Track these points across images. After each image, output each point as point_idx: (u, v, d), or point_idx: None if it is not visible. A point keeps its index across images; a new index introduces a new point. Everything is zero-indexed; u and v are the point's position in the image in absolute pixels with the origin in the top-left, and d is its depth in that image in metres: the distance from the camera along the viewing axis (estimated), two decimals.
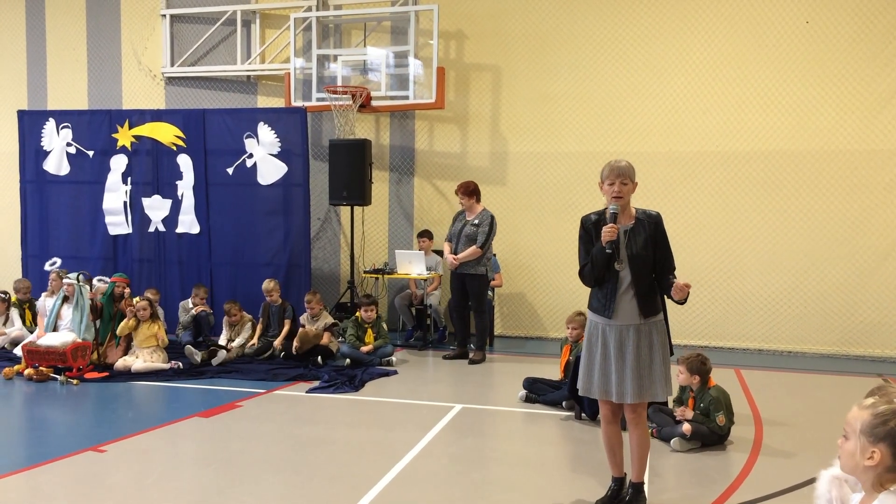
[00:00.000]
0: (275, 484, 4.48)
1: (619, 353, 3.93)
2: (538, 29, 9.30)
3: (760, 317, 8.77)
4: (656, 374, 3.92)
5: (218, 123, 9.15)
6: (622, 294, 3.93)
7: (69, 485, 4.45)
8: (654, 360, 3.92)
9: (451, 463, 4.92)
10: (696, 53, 8.83)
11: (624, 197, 3.95)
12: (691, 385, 5.39)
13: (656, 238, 3.99)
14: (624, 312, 3.92)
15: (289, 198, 9.03)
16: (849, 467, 2.19)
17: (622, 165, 4.00)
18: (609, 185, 3.99)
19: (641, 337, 3.91)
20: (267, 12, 10.27)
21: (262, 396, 6.54)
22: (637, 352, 3.90)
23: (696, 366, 5.35)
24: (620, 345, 3.93)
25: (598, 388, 4.01)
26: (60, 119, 9.60)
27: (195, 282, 9.04)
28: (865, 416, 2.12)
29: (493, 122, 9.53)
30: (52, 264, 9.30)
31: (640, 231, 3.98)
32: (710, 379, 5.41)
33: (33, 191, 9.70)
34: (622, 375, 3.92)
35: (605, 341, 3.97)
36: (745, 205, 8.77)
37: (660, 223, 4.05)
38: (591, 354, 4.04)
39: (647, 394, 3.93)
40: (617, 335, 3.93)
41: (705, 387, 5.35)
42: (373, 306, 7.91)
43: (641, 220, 4.03)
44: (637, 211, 4.07)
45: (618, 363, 3.93)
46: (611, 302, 3.93)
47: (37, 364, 7.15)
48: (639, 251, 3.93)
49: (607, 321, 3.96)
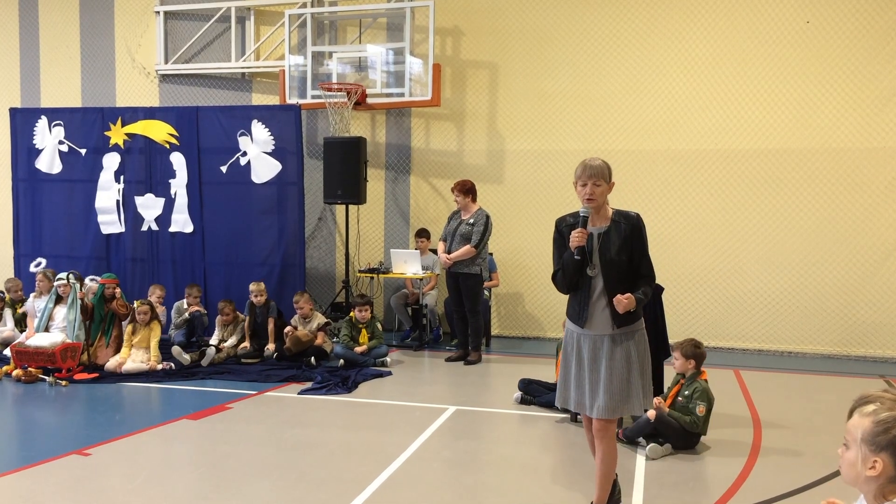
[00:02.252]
0: (261, 489, 4.37)
1: (594, 364, 3.71)
2: (535, 25, 9.20)
3: (760, 317, 8.66)
4: (633, 389, 3.66)
5: (211, 121, 9.04)
6: (595, 302, 3.69)
7: (50, 490, 4.34)
8: (632, 373, 3.66)
9: (442, 466, 4.81)
10: (696, 50, 8.72)
11: (597, 199, 3.69)
12: (686, 371, 5.26)
13: (633, 242, 3.71)
14: (598, 321, 3.69)
15: (283, 196, 8.92)
16: (850, 478, 2.09)
17: (595, 165, 3.70)
18: (581, 187, 3.71)
19: (616, 348, 3.66)
20: (261, 9, 10.16)
21: (253, 398, 6.44)
22: (610, 364, 3.66)
23: (690, 350, 5.24)
24: (594, 356, 3.71)
25: (574, 400, 3.80)
26: (52, 117, 9.49)
27: (188, 281, 8.95)
28: (867, 424, 2.01)
29: (490, 120, 9.42)
30: (38, 265, 9.21)
31: (615, 234, 3.70)
32: (703, 371, 5.30)
33: (25, 189, 9.59)
34: (595, 388, 3.70)
35: (579, 351, 3.76)
36: (744, 203, 8.66)
37: (638, 226, 3.75)
38: (566, 364, 3.84)
39: (619, 409, 3.67)
40: (591, 345, 3.72)
41: (697, 375, 5.23)
42: (367, 306, 7.82)
43: (617, 223, 3.73)
44: (614, 212, 3.78)
45: (592, 375, 3.71)
46: (584, 310, 3.70)
47: (26, 365, 7.06)
48: (613, 256, 3.66)
49: (581, 330, 3.74)
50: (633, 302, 3.58)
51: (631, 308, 3.59)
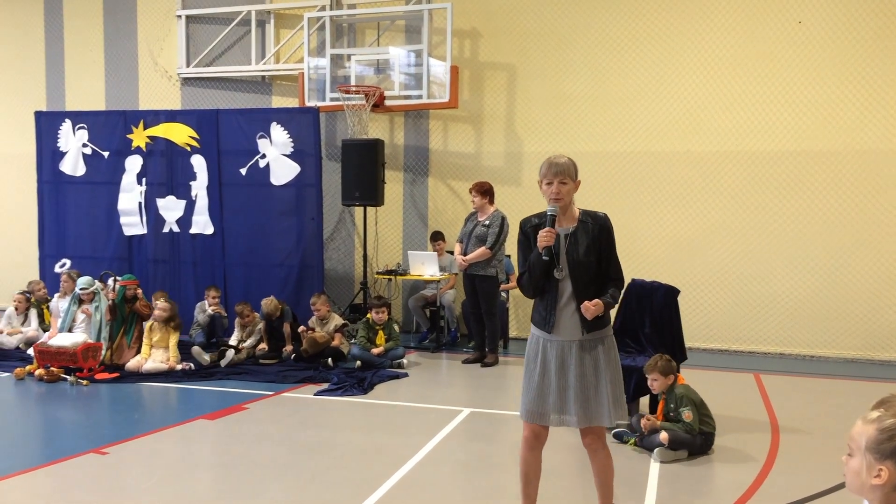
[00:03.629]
0: (273, 489, 4.40)
1: (561, 371, 3.55)
2: (554, 27, 9.17)
3: (781, 320, 8.56)
4: (602, 397, 3.52)
5: (231, 124, 9.13)
6: (563, 306, 3.54)
7: (67, 488, 4.41)
8: (601, 381, 3.53)
9: (456, 469, 4.81)
10: (716, 51, 8.64)
11: (563, 198, 3.53)
12: (666, 388, 5.20)
13: (601, 242, 3.56)
14: (565, 326, 3.54)
15: (301, 198, 8.98)
16: (854, 486, 2.06)
17: (561, 162, 3.53)
18: (547, 185, 3.54)
19: (585, 354, 3.53)
20: (281, 12, 10.24)
21: (269, 399, 6.49)
22: (580, 371, 3.52)
23: (666, 366, 5.17)
24: (562, 363, 3.54)
25: (529, 409, 3.61)
26: (76, 120, 9.64)
27: (209, 282, 9.03)
28: (871, 432, 1.98)
29: (507, 122, 9.41)
30: (62, 266, 9.35)
31: (582, 235, 3.56)
32: (678, 376, 5.26)
33: (50, 191, 9.75)
34: (563, 397, 3.54)
35: (544, 358, 3.58)
36: (765, 205, 8.56)
37: (606, 226, 3.61)
38: (528, 372, 3.64)
39: (594, 418, 3.53)
40: (558, 352, 3.55)
41: (673, 385, 5.19)
42: (384, 308, 7.83)
43: (585, 223, 3.59)
44: (581, 212, 3.63)
45: (559, 382, 3.55)
46: (551, 315, 3.55)
47: (48, 364, 7.16)
48: (580, 258, 3.52)
49: (548, 336, 3.58)
50: (602, 307, 3.47)
51: (599, 313, 3.47)
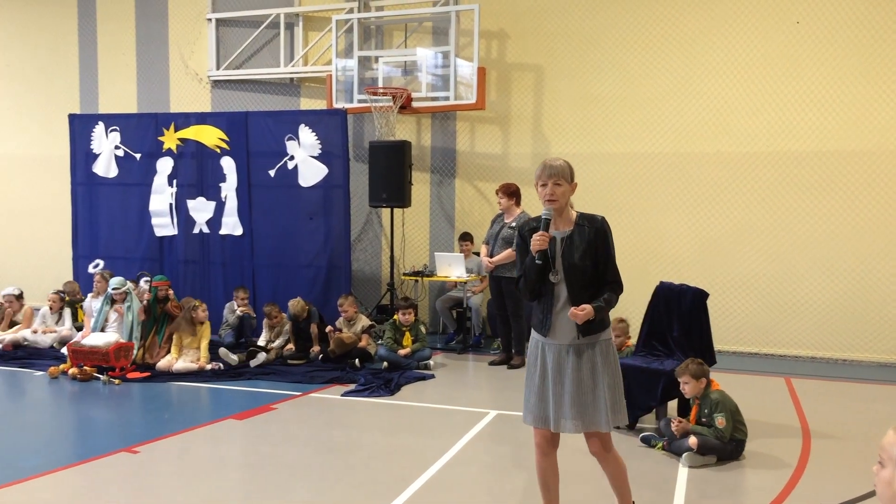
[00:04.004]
0: (300, 489, 4.44)
1: (558, 375, 3.52)
2: (581, 28, 9.13)
3: (813, 323, 8.43)
4: (600, 402, 3.47)
5: (260, 126, 9.21)
6: (559, 310, 3.50)
7: (99, 486, 4.49)
8: (598, 385, 3.48)
9: (481, 471, 4.82)
10: (745, 51, 8.54)
11: (558, 200, 3.51)
12: (698, 392, 5.14)
13: (597, 246, 3.50)
14: (561, 330, 3.50)
15: (329, 199, 9.03)
16: (885, 498, 2.02)
17: (556, 164, 3.51)
18: (542, 187, 3.52)
19: (583, 358, 3.49)
20: (310, 15, 10.31)
21: (297, 399, 6.54)
22: (577, 375, 3.48)
23: (698, 370, 5.12)
24: (559, 367, 3.52)
25: (533, 414, 3.59)
26: (109, 122, 9.79)
27: (238, 283, 9.12)
28: None
29: (535, 123, 9.39)
30: (95, 266, 9.51)
31: (578, 238, 3.51)
32: (712, 381, 5.20)
33: (83, 193, 9.92)
34: (560, 401, 3.50)
35: (543, 362, 3.56)
36: (796, 207, 8.44)
37: (603, 229, 3.54)
38: (529, 376, 3.63)
39: (590, 423, 3.49)
40: (555, 355, 3.52)
41: (707, 390, 5.13)
42: (410, 309, 7.86)
43: (581, 227, 3.54)
44: (578, 215, 3.59)
45: (556, 387, 3.51)
46: (547, 318, 3.52)
47: (81, 363, 7.29)
48: (576, 261, 3.47)
49: (545, 340, 3.55)
50: (591, 313, 3.40)
51: (590, 318, 3.41)
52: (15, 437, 5.55)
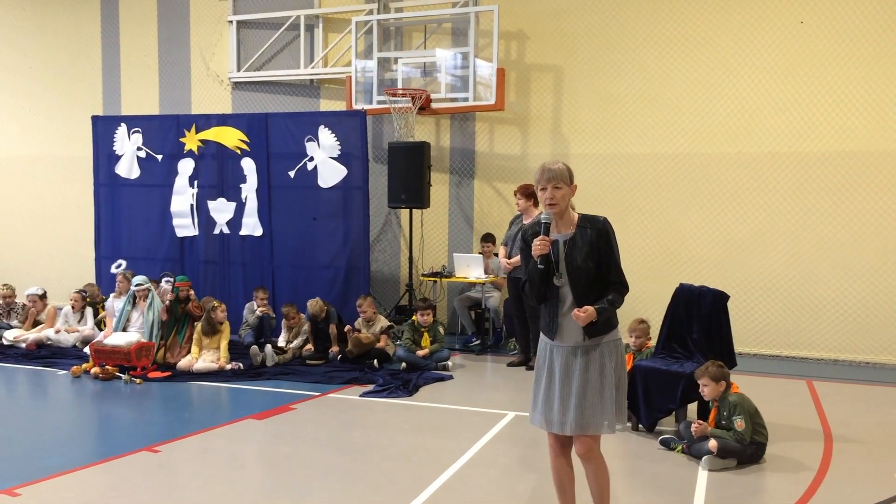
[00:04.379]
0: (319, 490, 4.46)
1: (565, 377, 3.52)
2: (601, 28, 9.09)
3: (835, 325, 8.33)
4: (606, 403, 3.47)
5: (280, 127, 9.27)
6: (565, 312, 3.50)
7: (120, 485, 4.54)
8: (605, 387, 3.47)
9: (499, 473, 4.81)
10: (767, 50, 8.46)
11: (559, 203, 3.47)
12: (718, 395, 5.10)
13: (600, 247, 3.48)
14: (568, 332, 3.51)
15: (348, 200, 9.07)
16: None
17: (555, 168, 3.48)
18: (541, 191, 3.50)
19: (590, 360, 3.49)
20: (329, 16, 10.36)
21: (316, 399, 6.57)
22: (584, 377, 3.48)
23: (718, 372, 5.09)
24: (566, 369, 3.52)
25: (541, 415, 3.58)
26: (131, 124, 9.90)
27: (258, 283, 9.18)
28: None
29: (554, 124, 9.36)
30: (118, 266, 9.62)
31: (581, 241, 3.49)
32: (732, 384, 5.16)
33: (106, 194, 10.03)
34: (566, 403, 3.50)
35: (551, 364, 3.58)
36: (819, 208, 8.36)
37: (605, 230, 3.50)
38: (537, 378, 3.65)
39: (590, 426, 3.47)
40: (563, 358, 3.53)
41: (727, 393, 5.09)
42: (429, 310, 7.87)
43: (583, 228, 3.51)
44: (580, 217, 3.56)
45: (563, 389, 3.51)
46: (554, 321, 3.53)
47: (103, 363, 7.37)
48: (580, 264, 3.46)
49: (552, 342, 3.57)
50: (593, 314, 3.40)
51: (592, 320, 3.42)
52: (38, 435, 5.62)
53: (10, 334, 8.71)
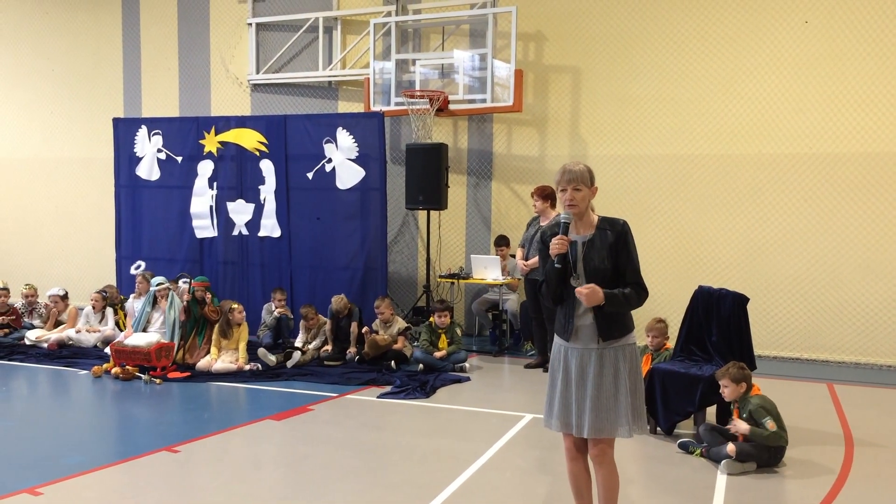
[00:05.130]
0: (336, 491, 4.48)
1: (581, 380, 3.51)
2: (619, 29, 9.05)
3: (857, 328, 8.25)
4: (621, 407, 3.45)
5: (299, 129, 9.31)
6: (581, 314, 3.49)
7: (140, 485, 4.58)
8: (619, 391, 3.46)
9: (516, 476, 4.81)
10: (788, 50, 8.39)
11: (578, 205, 3.48)
12: (738, 396, 5.07)
13: (619, 249, 3.47)
14: (584, 335, 3.50)
15: (366, 202, 9.09)
16: None
17: (576, 169, 3.49)
18: (561, 192, 3.51)
19: (605, 363, 3.47)
20: (348, 18, 10.39)
21: (333, 400, 6.59)
22: (599, 380, 3.46)
23: (739, 373, 5.07)
24: (582, 371, 3.51)
25: (557, 419, 3.57)
26: (152, 126, 9.99)
27: (276, 284, 9.23)
28: None
29: (572, 125, 9.34)
30: (137, 268, 9.71)
31: (600, 242, 3.49)
32: (753, 386, 5.13)
33: (126, 195, 10.12)
34: (581, 406, 3.49)
35: (566, 366, 3.56)
36: (841, 209, 8.27)
37: (624, 233, 3.50)
38: (552, 381, 3.63)
39: (606, 429, 3.46)
40: (578, 360, 3.52)
41: (748, 395, 5.06)
42: (446, 312, 7.87)
43: (603, 230, 3.51)
44: (599, 220, 3.56)
45: (578, 392, 3.50)
46: (570, 323, 3.51)
47: (123, 363, 7.44)
48: (598, 265, 3.45)
49: (568, 344, 3.55)
50: (597, 292, 3.35)
51: (596, 302, 3.37)
52: (60, 435, 5.68)
53: (33, 334, 8.81)
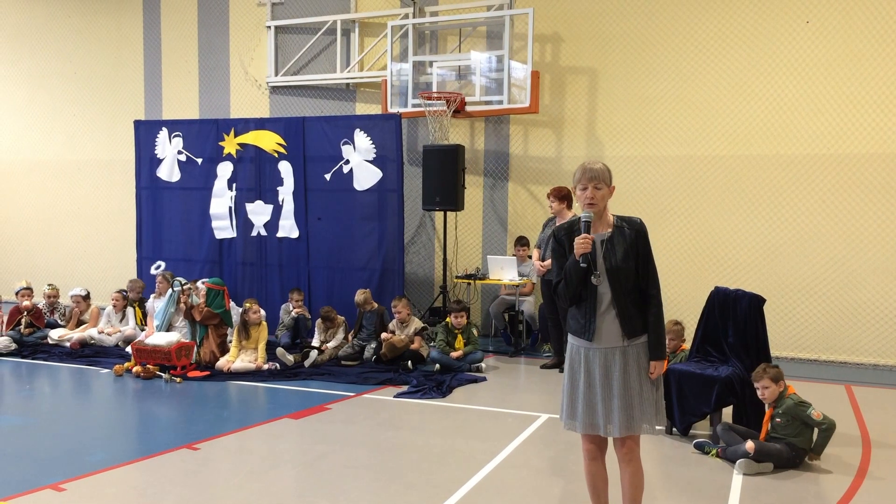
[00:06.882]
0: (352, 489, 4.53)
1: (605, 380, 3.51)
2: (636, 30, 9.05)
3: (875, 329, 8.19)
4: (647, 403, 3.49)
5: (317, 131, 9.40)
6: (603, 313, 3.49)
7: (160, 482, 4.65)
8: (644, 387, 3.49)
9: (532, 476, 4.83)
10: (806, 50, 8.35)
11: (598, 203, 3.50)
12: (776, 396, 5.06)
13: (638, 248, 3.51)
14: (606, 334, 3.49)
15: (383, 203, 9.15)
16: None
17: (595, 168, 3.51)
18: (581, 191, 3.53)
19: (629, 361, 3.49)
20: (365, 21, 10.46)
21: (350, 400, 6.65)
22: (624, 378, 3.48)
23: (777, 373, 5.08)
24: (606, 371, 3.50)
25: (582, 421, 3.56)
26: (172, 128, 10.11)
27: (294, 285, 9.32)
28: None
29: (588, 126, 9.35)
30: (157, 268, 9.82)
31: (619, 240, 3.51)
32: (788, 386, 5.14)
33: (147, 197, 10.25)
34: (609, 406, 3.50)
35: (588, 368, 3.54)
36: (859, 210, 8.23)
37: (643, 230, 3.56)
38: (573, 383, 3.60)
39: (636, 426, 3.48)
40: (602, 360, 3.51)
41: (784, 393, 5.07)
42: (463, 312, 7.91)
43: (621, 228, 3.54)
44: (615, 218, 3.59)
45: (604, 392, 3.51)
46: (590, 322, 3.50)
47: (144, 362, 7.54)
48: (618, 263, 3.47)
49: (589, 344, 3.53)
50: (665, 366, 3.57)
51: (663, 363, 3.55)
52: (82, 432, 5.79)
53: (55, 333, 8.95)
